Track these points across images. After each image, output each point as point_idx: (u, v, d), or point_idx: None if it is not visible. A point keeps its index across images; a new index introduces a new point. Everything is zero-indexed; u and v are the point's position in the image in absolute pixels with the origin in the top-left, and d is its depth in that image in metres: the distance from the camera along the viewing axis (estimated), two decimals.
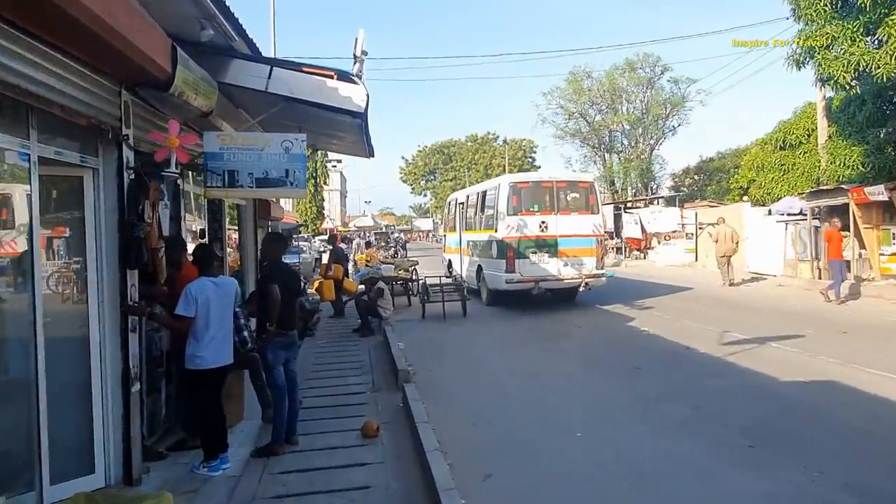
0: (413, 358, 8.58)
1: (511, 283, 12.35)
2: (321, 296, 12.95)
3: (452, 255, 17.44)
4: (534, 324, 11.35)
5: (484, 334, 10.60)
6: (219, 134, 6.31)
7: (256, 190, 6.34)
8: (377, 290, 11.01)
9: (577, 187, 13.04)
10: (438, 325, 11.67)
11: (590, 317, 11.92)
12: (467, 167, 68.66)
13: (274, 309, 5.13)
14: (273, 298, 5.12)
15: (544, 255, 12.63)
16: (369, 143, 8.78)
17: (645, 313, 11.95)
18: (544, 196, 12.91)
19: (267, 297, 5.17)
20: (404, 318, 12.58)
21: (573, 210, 12.89)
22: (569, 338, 9.87)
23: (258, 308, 5.41)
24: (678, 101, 36.88)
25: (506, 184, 12.82)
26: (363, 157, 10.45)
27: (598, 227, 12.97)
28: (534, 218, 12.67)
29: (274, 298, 5.12)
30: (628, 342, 9.32)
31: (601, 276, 12.84)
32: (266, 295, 5.18)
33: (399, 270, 14.63)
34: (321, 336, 11.07)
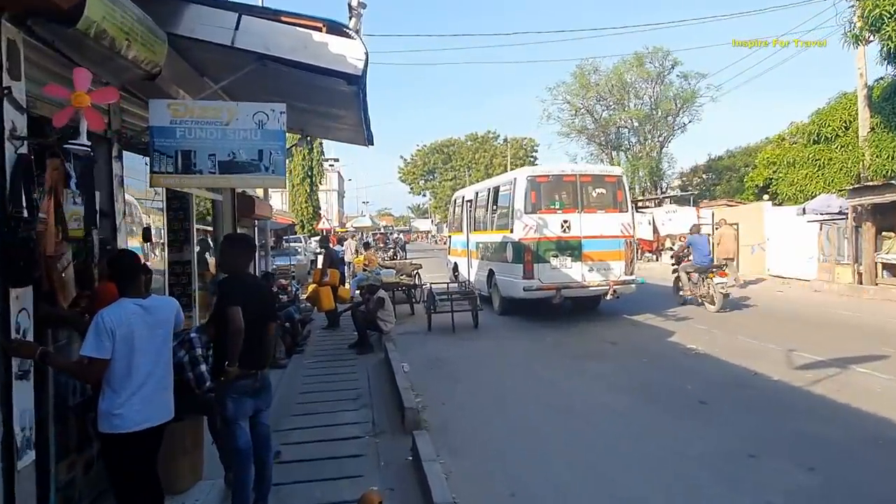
0: (421, 384, 7.08)
1: (529, 291, 10.84)
2: (317, 305, 11.45)
3: (459, 258, 15.92)
4: (558, 338, 9.83)
5: (501, 351, 9.08)
6: (169, 102, 4.79)
7: (220, 177, 4.82)
8: (377, 301, 9.50)
9: (604, 181, 11.53)
10: (447, 340, 10.16)
11: (621, 330, 10.40)
12: (467, 166, 67.19)
13: (235, 341, 3.62)
14: (234, 327, 3.61)
15: (567, 259, 11.13)
16: (367, 125, 7.25)
17: (683, 326, 10.45)
18: (566, 192, 11.40)
19: (225, 325, 3.66)
20: (408, 331, 11.07)
21: (599, 207, 11.39)
22: (604, 358, 8.35)
23: (214, 341, 3.91)
24: (689, 96, 35.38)
25: (523, 178, 11.31)
26: (361, 144, 8.93)
27: (628, 226, 11.47)
28: (555, 217, 11.16)
29: (235, 327, 3.61)
30: (677, 364, 7.81)
31: (631, 282, 11.33)
32: (224, 322, 3.67)
33: (401, 276, 13.11)
34: (312, 352, 9.55)
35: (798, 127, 28.34)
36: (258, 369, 3.81)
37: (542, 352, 8.94)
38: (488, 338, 10.27)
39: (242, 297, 3.69)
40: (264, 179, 4.92)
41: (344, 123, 7.54)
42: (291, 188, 45.86)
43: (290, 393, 7.18)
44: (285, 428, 5.80)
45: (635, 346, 9.07)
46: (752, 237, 21.16)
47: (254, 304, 3.78)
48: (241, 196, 10.50)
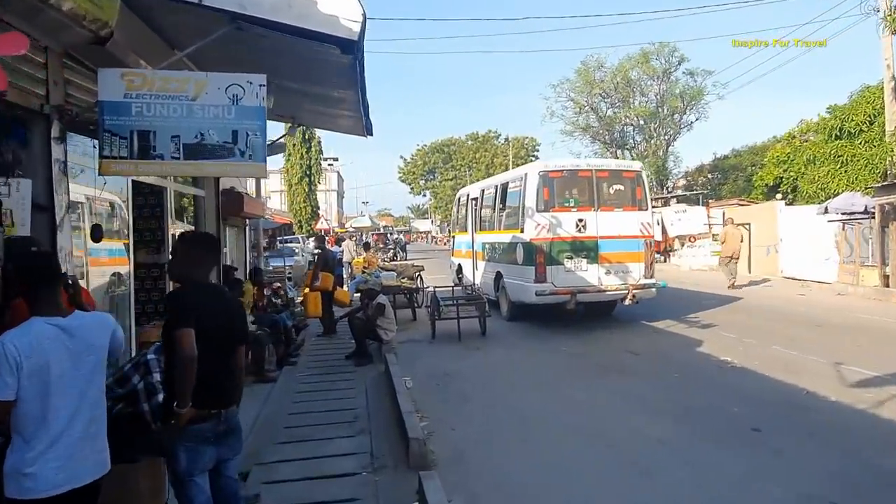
0: (427, 404, 6.24)
1: (542, 296, 9.98)
2: (308, 311, 10.60)
3: (463, 259, 15.05)
4: (575, 348, 8.97)
5: (514, 363, 8.22)
6: (124, 72, 3.94)
7: (185, 163, 3.98)
8: (376, 307, 8.63)
9: (622, 177, 10.68)
10: (453, 350, 9.29)
11: (642, 339, 9.54)
12: (468, 166, 66.32)
13: (185, 375, 2.76)
14: (184, 355, 2.75)
15: (582, 261, 10.27)
16: (366, 110, 6.42)
17: (709, 334, 9.59)
18: (582, 188, 10.54)
19: (175, 353, 2.80)
20: (410, 338, 10.21)
21: (617, 205, 10.54)
22: (629, 372, 7.49)
23: (165, 372, 3.05)
24: (696, 93, 34.51)
25: (535, 173, 10.46)
26: (360, 135, 8.10)
27: (648, 226, 10.61)
28: (569, 215, 10.31)
29: (185, 355, 2.75)
30: (714, 380, 6.95)
31: (652, 286, 10.48)
32: (174, 350, 2.81)
33: (402, 278, 12.25)
34: (305, 363, 8.70)
35: (808, 125, 27.49)
36: (222, 408, 2.95)
37: (559, 364, 8.08)
38: (498, 347, 9.41)
39: (199, 315, 2.82)
40: (239, 166, 4.07)
41: (341, 109, 6.71)
42: (289, 187, 44.98)
43: (278, 413, 6.32)
44: (270, 460, 4.94)
45: (662, 357, 8.21)
46: (765, 238, 20.40)
47: (215, 324, 2.92)
48: (227, 192, 9.66)
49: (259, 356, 8.03)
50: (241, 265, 11.70)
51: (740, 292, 15.02)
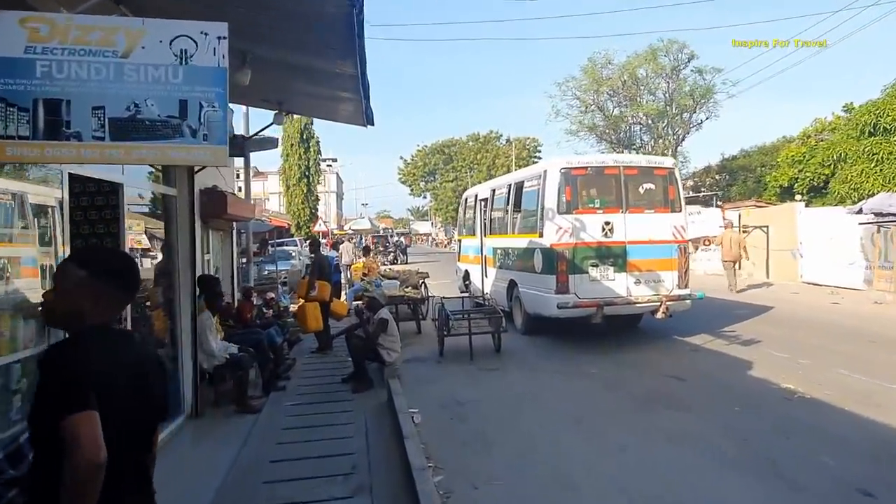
0: (440, 446, 5.12)
1: (564, 309, 8.82)
2: (302, 325, 9.44)
3: (470, 265, 13.90)
4: (607, 371, 7.81)
5: (540, 391, 7.06)
6: (23, 16, 2.79)
7: (112, 146, 2.84)
8: (378, 323, 7.48)
9: (653, 175, 9.53)
10: (466, 371, 8.14)
11: (682, 359, 8.39)
12: (469, 167, 65.20)
13: (87, 493, 1.59)
14: (84, 461, 1.58)
15: (608, 269, 9.13)
16: (366, 91, 5.28)
17: (756, 353, 8.44)
18: (608, 187, 9.41)
19: (59, 453, 1.63)
20: (415, 356, 9.07)
21: (647, 206, 9.40)
22: (679, 403, 6.32)
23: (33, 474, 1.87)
24: (707, 91, 33.38)
25: (555, 170, 9.30)
26: (359, 124, 6.96)
27: (681, 229, 9.47)
28: (594, 217, 9.17)
29: (87, 461, 1.57)
30: (784, 418, 5.77)
31: (687, 297, 9.33)
32: (55, 448, 1.63)
33: (406, 287, 11.09)
34: (296, 387, 7.55)
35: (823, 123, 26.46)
36: None
37: (593, 392, 6.93)
38: (517, 368, 8.26)
39: (104, 389, 1.67)
40: (190, 150, 2.91)
41: (336, 90, 5.57)
42: (287, 189, 43.84)
43: (258, 460, 5.17)
44: None
45: (712, 383, 7.05)
46: (784, 241, 19.39)
47: (128, 403, 1.77)
48: (208, 192, 8.52)
49: (241, 382, 6.89)
50: (228, 274, 10.57)
51: (771, 300, 13.90)
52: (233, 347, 7.07)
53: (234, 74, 4.69)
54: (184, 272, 6.51)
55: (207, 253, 9.53)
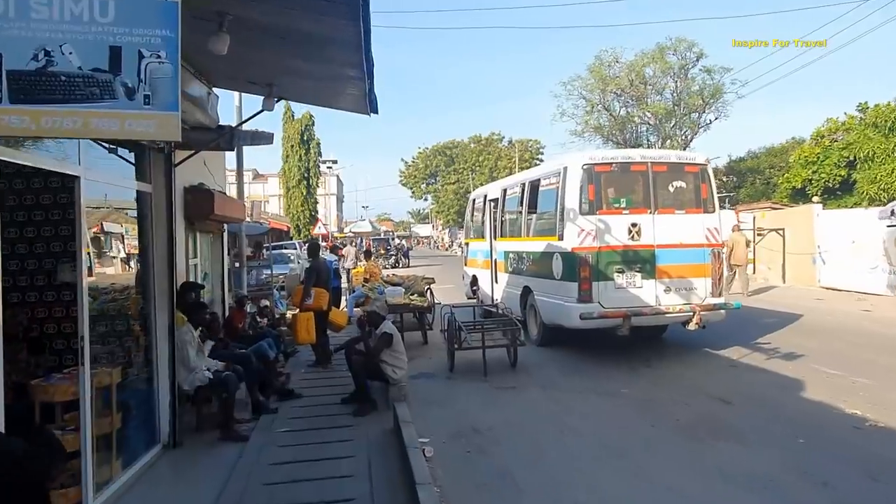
0: (457, 488, 4.29)
1: (588, 320, 7.97)
2: (295, 336, 8.59)
3: (479, 270, 13.04)
4: (638, 391, 6.95)
5: (566, 415, 6.18)
6: None
7: (10, 111, 1.98)
8: (382, 338, 6.62)
9: (684, 172, 8.68)
10: (480, 391, 7.28)
11: (721, 376, 7.52)
12: (471, 169, 64.37)
13: None
14: None
15: (636, 276, 8.28)
16: (370, 70, 4.44)
17: (803, 369, 7.58)
18: (635, 185, 8.57)
19: None
20: (422, 371, 8.23)
21: (678, 206, 8.55)
22: (731, 433, 5.46)
23: None
24: (717, 90, 32.54)
25: (577, 166, 8.45)
26: (361, 112, 6.13)
27: (715, 232, 8.62)
28: (620, 219, 8.32)
29: None
30: (861, 454, 4.89)
31: (721, 307, 8.47)
32: None
33: (411, 294, 10.23)
34: (290, 410, 6.69)
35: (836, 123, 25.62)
36: None
37: (626, 416, 6.06)
38: (536, 386, 7.40)
39: None
40: (125, 118, 2.07)
41: (336, 68, 4.73)
42: (287, 191, 43.01)
43: None
44: None
45: (763, 407, 6.18)
46: (801, 244, 18.64)
47: None
48: (194, 190, 7.67)
49: (227, 405, 6.05)
50: (218, 280, 9.72)
51: (796, 307, 13.06)
52: (217, 365, 6.23)
53: (210, 41, 3.87)
54: (160, 280, 5.67)
55: (194, 258, 8.69)
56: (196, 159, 8.43)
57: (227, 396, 6.04)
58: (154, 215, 5.70)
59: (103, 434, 4.75)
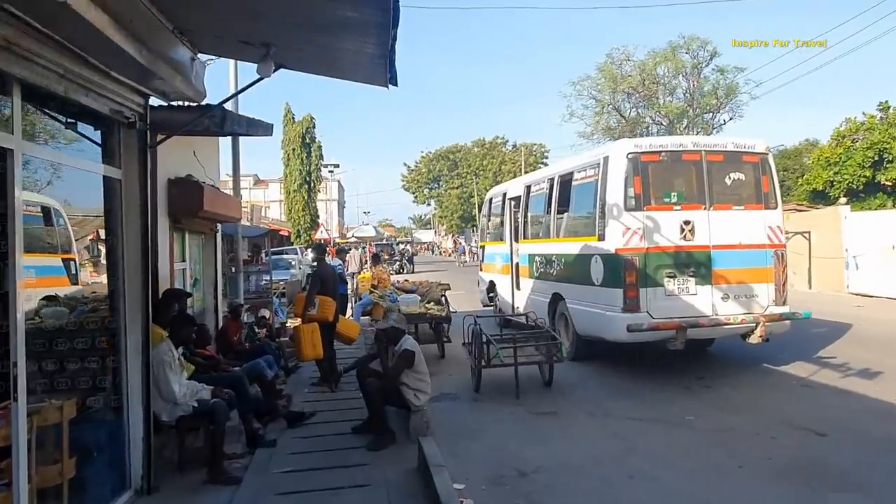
0: None
1: (637, 332, 6.88)
2: (298, 352, 7.49)
3: (497, 275, 11.97)
4: (706, 417, 5.84)
5: (626, 452, 5.07)
6: None
7: None
8: (402, 356, 5.53)
9: (742, 162, 7.60)
10: (515, 417, 6.19)
11: (796, 399, 6.41)
12: (474, 173, 63.41)
13: None
14: None
15: (689, 281, 7.19)
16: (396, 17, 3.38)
17: (887, 389, 6.48)
18: (687, 177, 7.51)
19: None
20: (444, 392, 7.14)
21: (736, 202, 7.47)
22: (846, 481, 4.34)
23: None
24: (730, 90, 31.55)
25: (620, 155, 7.37)
26: (378, 84, 5.06)
27: (778, 231, 7.55)
28: (670, 215, 7.25)
29: None
30: None
31: (788, 317, 7.37)
32: None
33: (427, 303, 9.12)
34: (290, 441, 5.61)
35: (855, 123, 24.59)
36: None
37: (705, 455, 4.94)
38: (580, 411, 6.29)
39: None
40: None
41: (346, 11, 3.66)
42: (287, 195, 42.00)
43: None
44: None
45: (865, 440, 5.07)
46: (827, 247, 17.67)
47: None
48: (180, 182, 6.64)
49: (215, 440, 4.96)
50: (211, 287, 8.65)
51: (838, 315, 11.95)
52: (204, 391, 5.14)
53: None
54: (132, 287, 4.59)
55: (182, 261, 7.63)
56: (184, 148, 7.38)
57: (214, 428, 4.96)
58: (125, 208, 4.63)
59: (50, 486, 3.69)
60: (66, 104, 3.95)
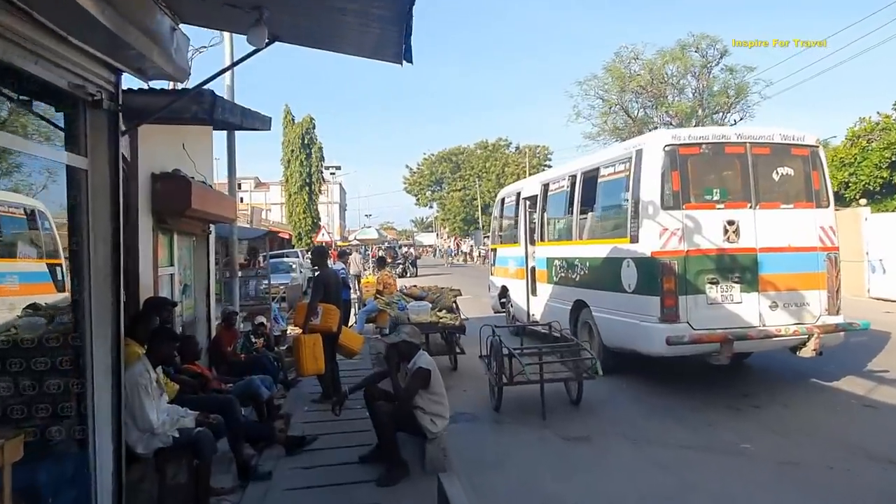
0: None
1: (677, 346, 6.13)
2: (299, 366, 6.75)
3: (510, 280, 11.23)
4: (763, 444, 5.10)
5: (682, 489, 4.34)
6: None
7: None
8: (416, 375, 4.79)
9: (790, 156, 6.86)
10: (543, 442, 5.45)
11: (859, 421, 5.67)
12: (477, 175, 62.73)
13: None
14: None
15: (733, 288, 6.45)
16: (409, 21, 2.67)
17: None
18: (731, 172, 6.78)
19: None
20: (460, 411, 6.34)
21: (784, 200, 6.73)
22: None
23: None
24: (743, 89, 30.76)
25: (657, 148, 6.63)
26: (389, 60, 4.34)
27: (830, 232, 6.81)
28: (713, 214, 6.51)
29: None
30: None
31: (845, 327, 6.62)
32: None
33: (438, 310, 8.37)
34: (288, 471, 4.88)
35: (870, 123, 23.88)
36: None
37: (775, 493, 4.19)
38: (619, 436, 5.54)
39: None
40: None
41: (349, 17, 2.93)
42: (288, 198, 41.32)
43: None
44: None
45: None
46: (847, 250, 16.89)
47: None
48: (165, 177, 5.92)
49: (200, 475, 4.24)
50: (203, 293, 7.92)
51: (881, 323, 11.20)
52: (187, 417, 4.40)
53: None
54: (99, 296, 3.86)
55: (169, 265, 6.91)
56: (172, 139, 6.65)
57: (199, 462, 4.23)
58: (91, 202, 3.91)
59: None
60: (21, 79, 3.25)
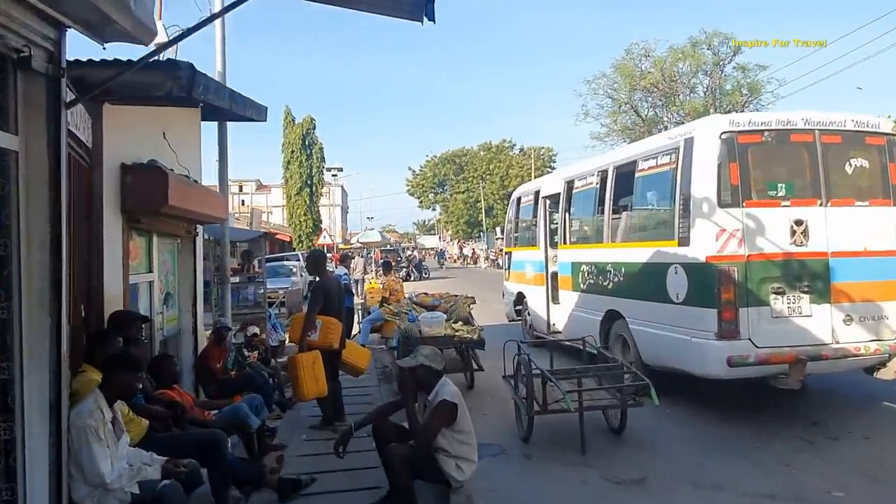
0: None
1: (740, 367, 5.22)
2: (296, 390, 5.83)
3: (527, 286, 10.29)
4: (856, 491, 4.19)
5: None
6: None
7: None
8: (440, 410, 3.87)
9: (864, 146, 5.92)
10: (587, 487, 4.53)
11: None
12: (481, 178, 61.86)
13: None
14: None
15: (802, 299, 5.53)
16: None
17: None
18: (798, 164, 5.83)
19: None
20: (483, 442, 5.35)
21: (858, 196, 5.81)
22: None
23: None
24: (756, 88, 29.84)
25: (711, 135, 5.71)
26: (406, 17, 3.45)
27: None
28: (778, 213, 5.59)
29: None
30: None
31: None
32: None
33: (453, 322, 7.44)
34: None
35: None
36: None
37: None
38: (680, 479, 4.61)
39: None
40: None
41: None
42: (288, 199, 40.46)
43: None
44: None
45: None
46: None
47: None
48: (137, 169, 5.02)
49: None
50: (189, 302, 7.02)
51: None
52: (152, 466, 3.49)
53: None
54: (33, 317, 2.98)
55: (149, 272, 6.01)
56: (149, 125, 5.72)
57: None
58: (23, 194, 3.01)
59: None
60: None
